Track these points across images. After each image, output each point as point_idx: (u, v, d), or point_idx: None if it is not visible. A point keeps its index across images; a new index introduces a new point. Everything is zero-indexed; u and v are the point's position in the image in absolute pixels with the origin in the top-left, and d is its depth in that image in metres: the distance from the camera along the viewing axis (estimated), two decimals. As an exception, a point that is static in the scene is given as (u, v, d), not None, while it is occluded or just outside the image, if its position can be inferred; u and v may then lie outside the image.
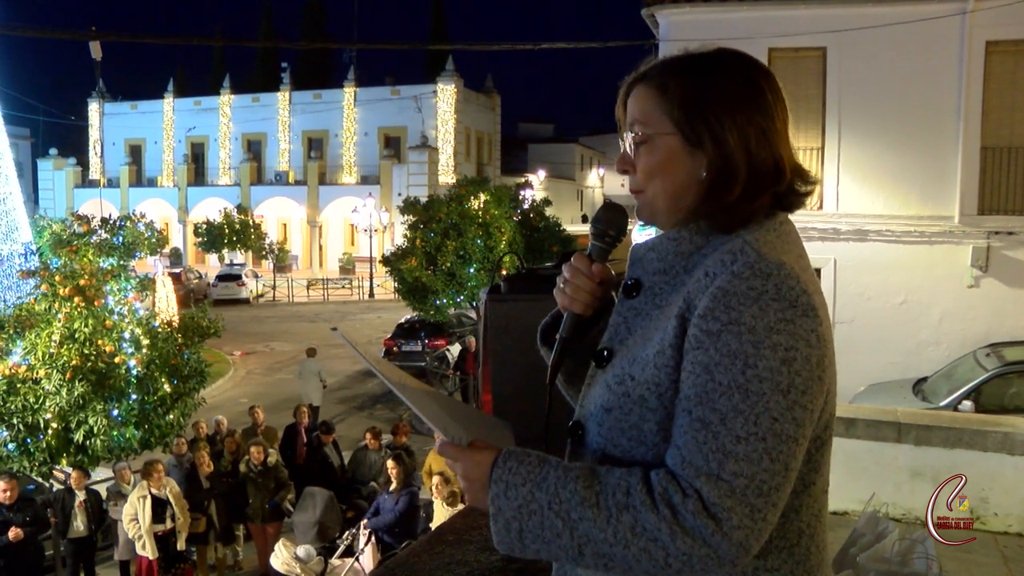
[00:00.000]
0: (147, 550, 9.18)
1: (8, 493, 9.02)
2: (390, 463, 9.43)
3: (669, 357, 1.24)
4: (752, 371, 1.16)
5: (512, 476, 1.23)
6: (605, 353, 1.37)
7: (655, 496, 1.16)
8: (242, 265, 45.06)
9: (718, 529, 1.13)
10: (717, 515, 1.14)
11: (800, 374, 1.18)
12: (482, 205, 22.53)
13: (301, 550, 8.48)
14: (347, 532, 8.99)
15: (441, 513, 8.42)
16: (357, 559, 8.40)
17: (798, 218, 1.39)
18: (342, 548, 8.83)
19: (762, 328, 1.17)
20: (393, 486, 9.19)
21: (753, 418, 1.16)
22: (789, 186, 1.35)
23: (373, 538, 8.78)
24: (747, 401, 1.16)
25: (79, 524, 9.60)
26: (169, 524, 9.36)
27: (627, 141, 1.39)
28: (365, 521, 9.08)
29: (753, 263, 1.21)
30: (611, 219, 1.51)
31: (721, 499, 1.14)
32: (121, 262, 11.52)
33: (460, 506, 8.48)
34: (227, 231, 44.26)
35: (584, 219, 57.61)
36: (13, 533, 8.79)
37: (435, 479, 8.75)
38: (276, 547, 8.65)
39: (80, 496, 9.61)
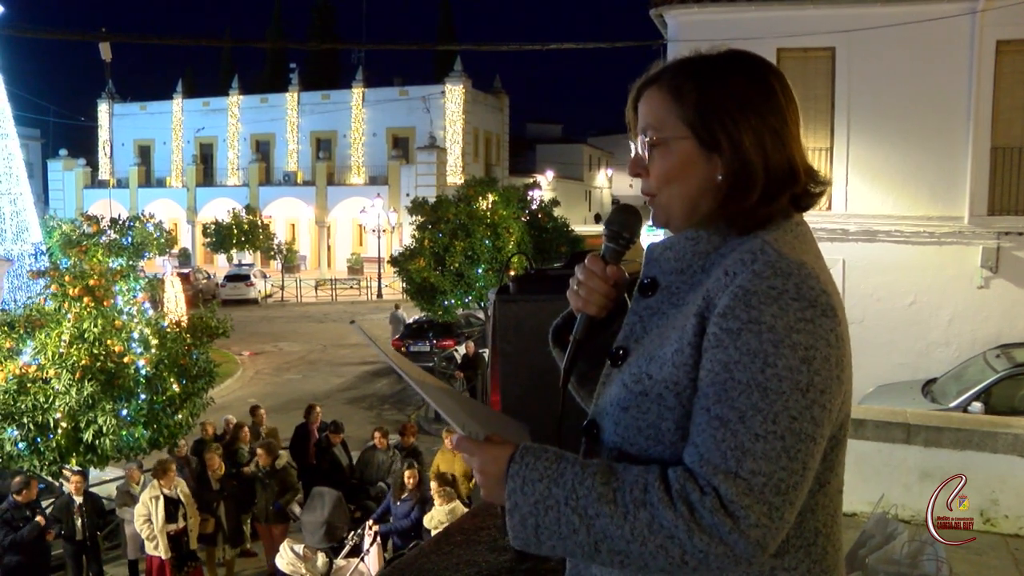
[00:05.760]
0: (160, 550, 9.18)
1: (31, 493, 9.15)
2: (408, 472, 9.42)
3: (688, 355, 1.24)
4: (772, 370, 1.16)
5: (529, 471, 1.23)
6: (620, 352, 1.37)
7: (673, 493, 1.16)
8: (250, 265, 45.13)
9: (735, 527, 1.13)
10: (735, 513, 1.13)
11: (819, 373, 1.18)
12: (490, 205, 22.55)
13: (298, 547, 8.53)
14: (352, 532, 9.01)
15: (440, 511, 8.47)
16: (362, 559, 8.42)
17: (807, 218, 1.38)
18: (348, 548, 8.85)
19: (782, 327, 1.17)
20: (406, 492, 9.21)
21: (772, 416, 1.15)
22: (803, 187, 1.35)
23: (379, 539, 8.80)
24: (766, 399, 1.16)
25: (78, 527, 9.64)
26: (181, 523, 9.38)
27: (639, 145, 1.38)
28: (371, 522, 9.09)
29: (774, 262, 1.22)
30: (625, 221, 1.49)
31: (739, 497, 1.14)
32: (130, 262, 11.57)
33: (456, 503, 8.52)
34: (235, 231, 44.42)
35: (597, 218, 57.62)
36: (39, 526, 8.87)
37: (433, 484, 8.77)
38: (281, 548, 8.71)
39: (78, 500, 9.63)
